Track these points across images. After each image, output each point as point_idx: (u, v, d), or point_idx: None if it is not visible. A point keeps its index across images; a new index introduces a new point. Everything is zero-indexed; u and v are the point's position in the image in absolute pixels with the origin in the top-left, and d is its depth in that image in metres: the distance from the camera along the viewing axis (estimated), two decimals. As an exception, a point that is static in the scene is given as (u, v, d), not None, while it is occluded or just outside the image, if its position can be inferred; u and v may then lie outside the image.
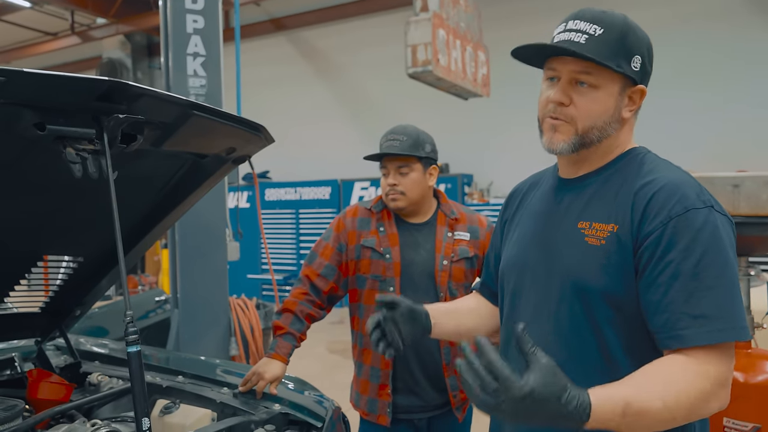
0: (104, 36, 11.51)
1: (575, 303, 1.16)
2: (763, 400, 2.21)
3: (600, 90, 1.14)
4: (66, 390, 1.80)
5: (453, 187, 8.35)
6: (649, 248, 1.07)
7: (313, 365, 5.71)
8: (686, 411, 1.00)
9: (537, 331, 1.22)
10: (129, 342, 1.22)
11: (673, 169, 1.16)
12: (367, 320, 1.36)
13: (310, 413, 1.79)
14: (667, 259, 1.05)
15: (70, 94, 1.16)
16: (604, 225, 1.14)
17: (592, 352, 1.15)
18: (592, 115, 1.15)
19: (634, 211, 1.10)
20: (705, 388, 1.00)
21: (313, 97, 10.56)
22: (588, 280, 1.14)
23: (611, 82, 1.15)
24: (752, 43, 7.36)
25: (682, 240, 1.05)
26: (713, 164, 6.65)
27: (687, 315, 1.02)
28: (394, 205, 2.04)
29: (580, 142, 1.17)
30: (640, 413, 0.97)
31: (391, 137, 2.02)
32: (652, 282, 1.06)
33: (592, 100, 1.15)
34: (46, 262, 1.84)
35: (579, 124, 1.16)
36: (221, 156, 1.70)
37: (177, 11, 3.44)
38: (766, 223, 2.15)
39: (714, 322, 1.01)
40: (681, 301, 1.03)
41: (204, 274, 3.64)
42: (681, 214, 1.06)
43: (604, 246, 1.13)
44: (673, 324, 1.03)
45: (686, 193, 1.07)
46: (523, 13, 8.59)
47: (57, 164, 1.24)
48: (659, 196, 1.08)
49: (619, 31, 1.14)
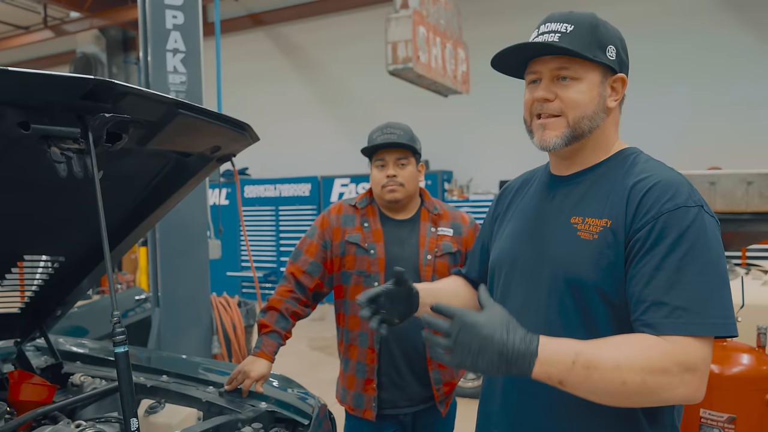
0: (78, 30, 11.28)
1: (566, 296, 1.19)
2: (738, 391, 2.27)
3: (582, 82, 1.18)
4: (48, 391, 1.78)
5: (433, 184, 8.38)
6: (638, 241, 1.10)
7: (294, 362, 5.70)
8: (639, 379, 0.99)
9: (525, 323, 1.23)
10: (116, 342, 1.22)
11: (667, 168, 1.19)
12: (360, 294, 1.34)
13: (296, 411, 1.79)
14: (653, 252, 1.08)
15: (55, 93, 1.15)
16: (597, 220, 1.17)
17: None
18: (580, 105, 1.19)
19: (629, 206, 1.13)
20: (664, 365, 1.00)
21: (292, 93, 10.51)
22: (580, 274, 1.17)
23: (591, 72, 1.19)
24: (728, 40, 7.51)
25: (670, 235, 1.08)
26: (688, 160, 6.80)
27: (666, 305, 1.05)
28: (391, 197, 2.04)
29: (572, 135, 1.20)
30: (590, 366, 0.99)
31: (388, 131, 2.03)
32: (637, 272, 1.09)
33: (576, 92, 1.18)
34: (25, 262, 1.82)
35: (569, 116, 1.19)
36: (206, 155, 1.69)
37: (156, 7, 3.40)
38: (741, 219, 2.21)
39: (692, 315, 1.03)
40: (661, 293, 1.06)
41: (185, 272, 3.62)
42: (672, 210, 1.09)
43: (597, 240, 1.16)
44: (652, 313, 1.06)
45: (679, 191, 1.11)
46: (502, 10, 8.64)
47: (41, 163, 1.23)
48: (653, 191, 1.12)
49: (588, 24, 1.19)
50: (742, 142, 7.31)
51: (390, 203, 2.06)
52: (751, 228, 2.19)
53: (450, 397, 2.14)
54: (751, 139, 7.31)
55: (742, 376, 2.28)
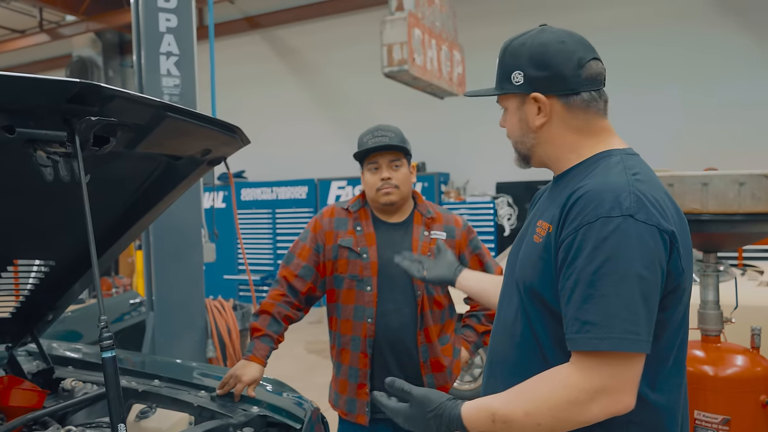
0: (74, 34, 11.27)
1: (516, 298, 1.25)
2: (732, 392, 2.27)
3: (507, 112, 1.32)
4: (39, 396, 1.77)
5: (429, 186, 8.39)
6: (562, 252, 1.12)
7: (291, 366, 5.69)
8: (550, 417, 1.06)
9: (496, 327, 1.34)
10: (104, 347, 1.20)
11: (615, 174, 1.14)
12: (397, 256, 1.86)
13: (288, 415, 1.78)
14: (573, 266, 1.08)
15: (41, 96, 1.14)
16: (545, 223, 1.20)
17: (528, 347, 1.21)
18: (512, 132, 1.31)
19: (561, 215, 1.14)
20: (571, 397, 1.05)
21: (288, 96, 10.50)
22: (525, 275, 1.22)
23: (508, 101, 1.30)
24: (721, 42, 7.53)
25: (587, 247, 1.07)
26: (682, 162, 6.81)
27: (578, 320, 1.06)
28: (387, 200, 2.02)
29: (520, 157, 1.33)
30: (506, 420, 1.10)
31: (379, 133, 2.02)
32: (562, 287, 1.11)
33: (505, 121, 1.33)
34: (16, 267, 1.81)
35: (512, 141, 1.33)
36: (196, 158, 1.68)
37: (149, 10, 3.40)
38: (733, 220, 2.21)
39: (598, 329, 1.03)
40: (575, 307, 1.07)
41: (179, 276, 3.61)
42: (592, 222, 1.07)
43: (540, 244, 1.19)
44: (569, 327, 1.08)
45: (602, 201, 1.08)
46: (498, 12, 8.66)
47: (27, 167, 1.22)
48: (579, 202, 1.11)
49: (499, 63, 1.29)
50: (735, 144, 7.33)
51: (386, 206, 2.05)
52: (743, 229, 2.19)
53: (444, 400, 2.12)
54: (745, 140, 7.33)
55: (737, 378, 2.28)
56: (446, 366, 2.07)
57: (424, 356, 2.02)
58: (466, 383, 4.59)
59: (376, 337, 1.99)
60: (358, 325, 2.00)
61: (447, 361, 2.07)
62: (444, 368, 2.06)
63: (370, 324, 1.99)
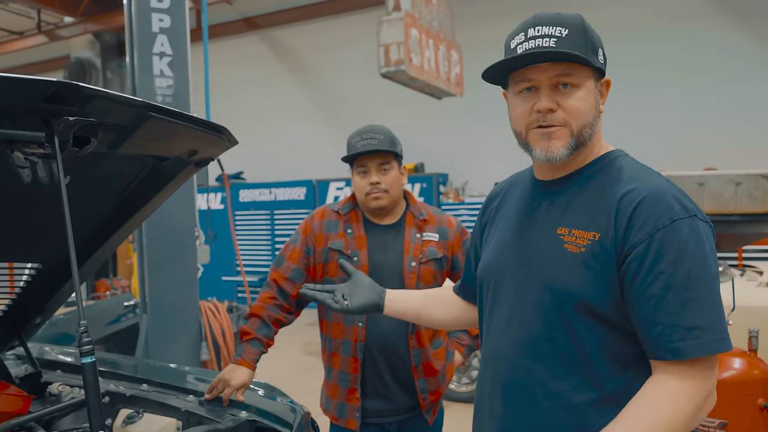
0: (72, 35, 11.24)
1: (552, 310, 1.15)
2: (730, 395, 2.24)
3: (582, 88, 1.14)
4: (24, 401, 1.74)
5: (428, 187, 8.36)
6: (636, 260, 1.06)
7: (287, 367, 5.66)
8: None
9: (509, 336, 1.22)
10: (83, 353, 1.18)
11: (654, 175, 1.14)
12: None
13: (277, 420, 1.76)
14: (656, 271, 1.05)
15: (17, 96, 1.11)
16: (585, 232, 1.12)
17: (566, 358, 1.14)
18: (583, 113, 1.14)
19: (618, 220, 1.09)
20: (688, 413, 1.04)
21: (286, 96, 10.48)
22: (567, 286, 1.13)
23: (588, 78, 1.15)
24: (719, 41, 7.51)
25: (670, 252, 1.04)
26: (679, 162, 6.78)
27: (681, 327, 1.03)
28: (377, 204, 1.99)
29: (576, 144, 1.15)
30: None
31: (367, 136, 1.98)
32: (642, 294, 1.06)
33: (579, 99, 1.13)
34: (0, 269, 1.78)
35: (573, 125, 1.14)
36: (183, 158, 1.66)
37: (142, 10, 3.38)
38: (730, 220, 2.18)
39: (707, 333, 1.02)
40: (674, 313, 1.03)
41: (173, 278, 3.58)
42: (667, 225, 1.05)
43: (584, 254, 1.11)
44: (668, 336, 1.04)
45: (670, 203, 1.07)
46: (496, 12, 8.63)
47: (5, 169, 1.19)
48: (644, 205, 1.07)
49: (581, 28, 1.13)
50: (734, 144, 7.30)
51: (375, 210, 2.02)
52: (740, 229, 2.16)
53: (437, 405, 2.10)
54: (744, 140, 7.30)
55: (734, 381, 2.26)
56: (439, 370, 2.04)
57: (416, 360, 1.99)
58: (464, 385, 4.56)
59: (367, 341, 1.96)
60: (349, 328, 1.97)
61: (439, 365, 2.05)
62: (437, 372, 2.03)
63: (361, 328, 1.96)
